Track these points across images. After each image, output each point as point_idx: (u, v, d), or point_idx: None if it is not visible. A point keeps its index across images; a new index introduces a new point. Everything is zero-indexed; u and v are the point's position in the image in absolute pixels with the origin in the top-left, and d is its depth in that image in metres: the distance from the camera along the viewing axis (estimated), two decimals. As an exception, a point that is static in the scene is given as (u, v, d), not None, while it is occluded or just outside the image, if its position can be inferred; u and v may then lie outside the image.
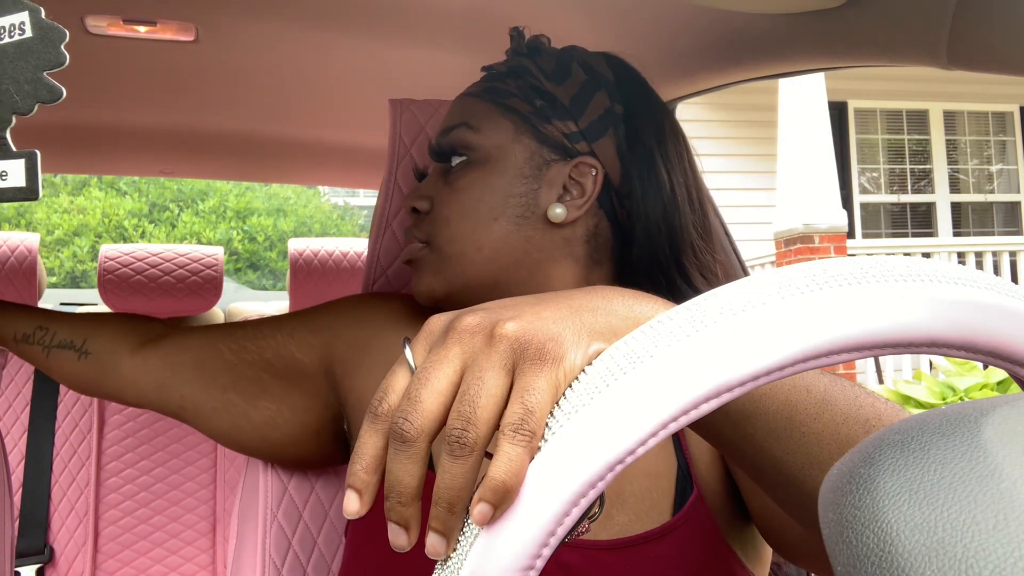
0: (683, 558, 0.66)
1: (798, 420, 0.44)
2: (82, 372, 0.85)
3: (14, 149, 0.34)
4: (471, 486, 0.34)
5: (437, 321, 0.40)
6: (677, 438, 0.71)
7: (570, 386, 0.35)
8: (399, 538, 0.35)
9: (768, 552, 0.73)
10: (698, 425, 0.45)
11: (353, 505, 0.36)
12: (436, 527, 0.34)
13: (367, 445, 0.36)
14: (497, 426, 0.34)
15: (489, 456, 0.34)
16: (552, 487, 0.32)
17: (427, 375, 0.36)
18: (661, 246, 0.75)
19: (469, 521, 0.33)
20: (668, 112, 0.80)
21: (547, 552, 0.32)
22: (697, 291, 0.74)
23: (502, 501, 0.32)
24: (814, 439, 0.43)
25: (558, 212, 0.74)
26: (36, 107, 0.35)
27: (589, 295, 0.41)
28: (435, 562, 0.34)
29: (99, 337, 0.86)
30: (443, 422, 0.35)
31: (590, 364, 0.36)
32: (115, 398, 0.87)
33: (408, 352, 0.39)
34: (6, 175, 0.34)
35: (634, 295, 0.42)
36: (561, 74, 0.77)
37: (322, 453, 0.87)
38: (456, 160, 0.76)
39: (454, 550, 0.33)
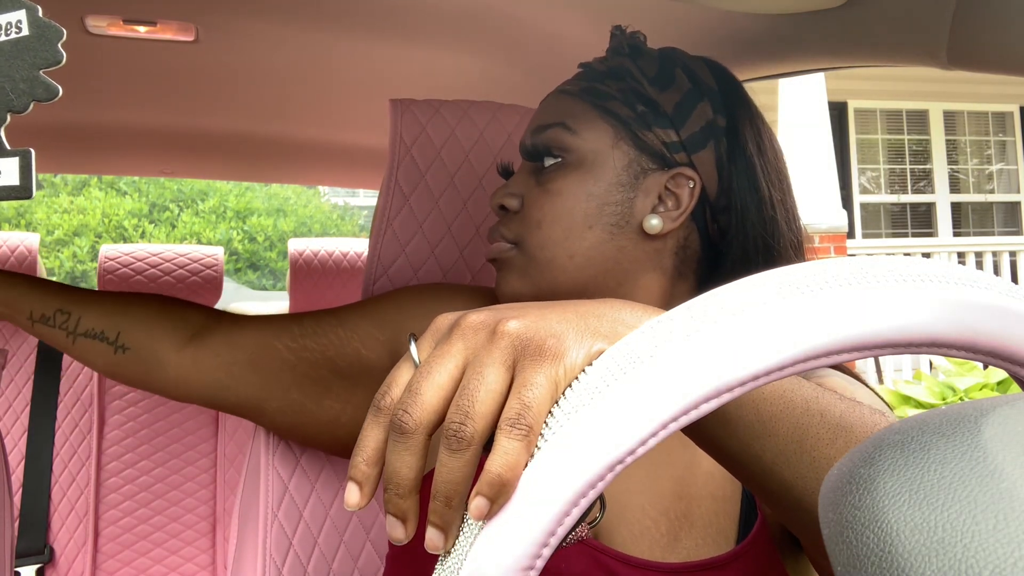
0: None
1: (809, 444, 0.43)
2: (122, 368, 0.81)
3: (8, 147, 0.34)
4: (468, 480, 0.34)
5: (444, 319, 0.40)
6: None
7: (570, 386, 0.35)
8: (396, 530, 0.35)
9: None
10: (706, 442, 0.45)
11: (353, 497, 0.36)
12: (435, 521, 0.34)
13: (368, 438, 0.37)
14: (496, 422, 0.35)
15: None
16: (552, 487, 0.31)
17: (429, 369, 0.36)
18: (757, 263, 0.74)
19: (469, 520, 0.33)
20: (767, 124, 0.78)
21: (547, 552, 0.32)
22: None
23: (499, 495, 0.32)
24: (825, 464, 0.43)
25: (654, 224, 0.72)
26: (32, 105, 0.35)
27: (598, 303, 0.41)
28: None
29: (135, 330, 0.81)
30: (443, 416, 0.36)
31: (591, 364, 0.36)
32: (163, 394, 0.83)
33: (413, 347, 0.39)
34: (0, 174, 0.34)
35: (644, 308, 0.42)
36: (664, 79, 0.75)
37: None
38: (550, 161, 0.74)
39: (453, 546, 0.33)
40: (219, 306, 1.94)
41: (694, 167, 0.73)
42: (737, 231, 0.73)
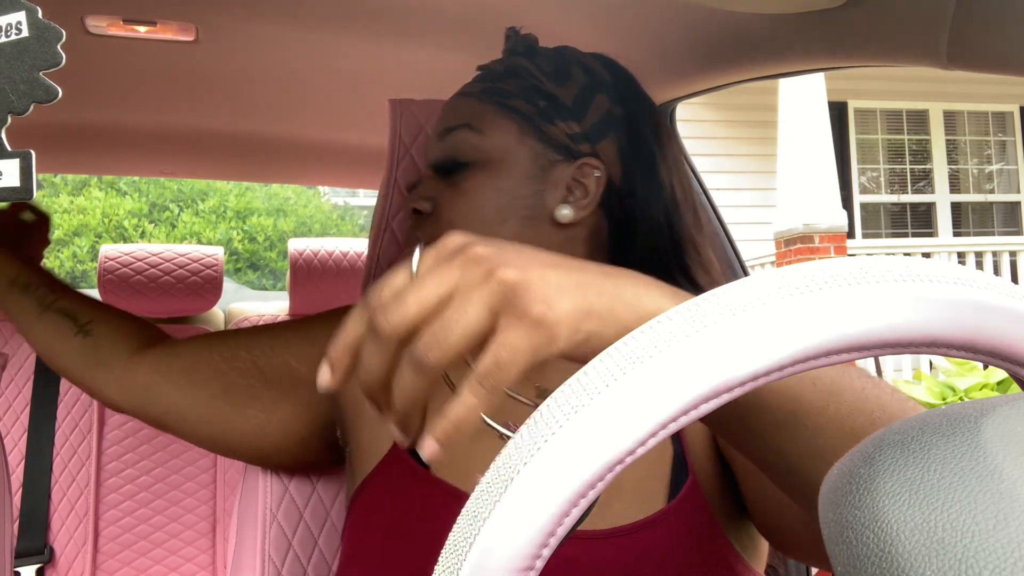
0: (678, 547, 0.66)
1: (802, 412, 0.43)
2: (72, 350, 0.82)
3: (9, 149, 0.34)
4: (422, 402, 0.37)
5: (455, 239, 0.42)
6: None
7: (568, 383, 0.35)
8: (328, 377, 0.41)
9: (764, 545, 0.72)
10: (726, 435, 0.45)
11: (324, 377, 0.40)
12: (397, 422, 0.38)
13: (350, 329, 0.40)
14: (463, 360, 0.37)
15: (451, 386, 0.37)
16: (552, 487, 0.31)
17: (421, 284, 0.38)
18: (663, 245, 0.76)
19: (469, 521, 0.33)
20: (662, 114, 0.82)
21: (547, 552, 0.32)
22: (700, 287, 0.75)
23: (449, 442, 0.34)
24: (818, 432, 0.43)
25: (565, 213, 0.74)
26: (32, 107, 0.35)
27: (605, 275, 0.41)
28: (433, 563, 0.34)
29: (104, 323, 0.83)
30: (417, 330, 0.37)
31: (577, 343, 0.38)
32: (93, 394, 0.84)
33: (416, 256, 0.41)
34: (0, 175, 0.35)
35: (648, 284, 0.42)
36: (561, 75, 0.77)
37: (311, 459, 0.87)
38: (458, 163, 0.76)
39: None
40: (219, 306, 1.94)
41: (598, 157, 0.76)
42: (642, 217, 0.76)
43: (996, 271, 5.69)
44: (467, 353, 0.37)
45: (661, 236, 0.76)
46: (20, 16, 0.35)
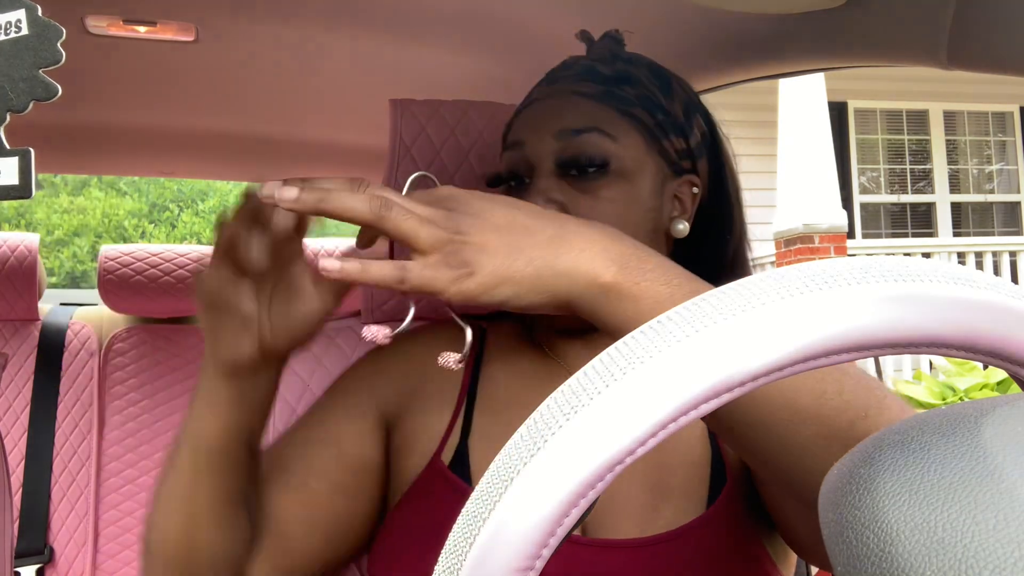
0: (720, 550, 0.67)
1: (800, 408, 0.44)
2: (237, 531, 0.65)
3: (7, 147, 0.34)
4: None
5: (448, 191, 0.55)
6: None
7: (569, 386, 0.35)
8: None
9: (793, 555, 0.73)
10: (727, 435, 0.45)
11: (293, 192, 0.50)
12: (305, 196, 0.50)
13: (352, 202, 0.51)
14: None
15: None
16: (552, 487, 0.31)
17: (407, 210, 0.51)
18: (729, 266, 0.80)
19: (469, 521, 0.33)
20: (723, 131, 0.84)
21: (547, 552, 0.32)
22: None
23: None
24: (816, 427, 0.45)
25: (681, 228, 0.76)
26: (31, 105, 0.35)
27: (550, 242, 0.52)
28: None
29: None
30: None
31: (495, 302, 0.51)
32: None
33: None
34: (-1, 173, 0.35)
35: (595, 252, 0.52)
36: (667, 88, 0.78)
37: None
38: (592, 168, 0.72)
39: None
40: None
41: (697, 173, 0.78)
42: (719, 236, 0.80)
43: (996, 271, 5.69)
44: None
45: (730, 256, 0.81)
46: (20, 14, 0.35)
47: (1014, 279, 5.76)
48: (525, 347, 0.81)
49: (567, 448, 0.32)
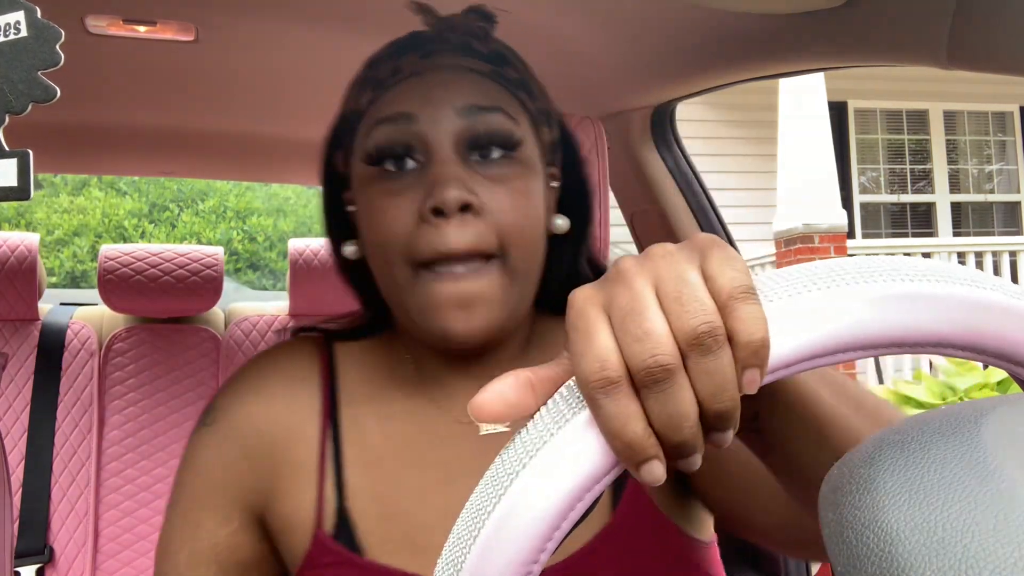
0: (638, 549, 0.64)
1: (821, 412, 0.43)
2: None
3: (6, 148, 0.34)
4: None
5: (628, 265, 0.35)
6: None
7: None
8: (696, 462, 0.33)
9: (707, 513, 0.69)
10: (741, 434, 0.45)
11: (661, 470, 0.32)
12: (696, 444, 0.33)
13: (627, 412, 0.31)
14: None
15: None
16: (554, 484, 0.31)
17: (638, 307, 0.32)
18: (581, 257, 0.72)
19: (470, 520, 0.33)
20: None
21: (551, 546, 0.32)
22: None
23: (765, 360, 0.31)
24: (834, 432, 0.43)
25: (560, 224, 0.69)
26: (30, 107, 0.35)
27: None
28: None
29: None
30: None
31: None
32: None
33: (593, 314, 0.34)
34: (-2, 174, 0.35)
35: None
36: (530, 75, 0.70)
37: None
38: (497, 152, 0.64)
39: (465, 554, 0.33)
40: (219, 306, 1.94)
41: (558, 167, 0.71)
42: (583, 231, 0.72)
43: (996, 271, 5.69)
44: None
45: (586, 249, 0.73)
46: (19, 16, 0.35)
47: (1014, 279, 5.76)
48: (387, 372, 0.70)
49: (569, 446, 0.32)
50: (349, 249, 0.70)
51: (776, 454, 0.45)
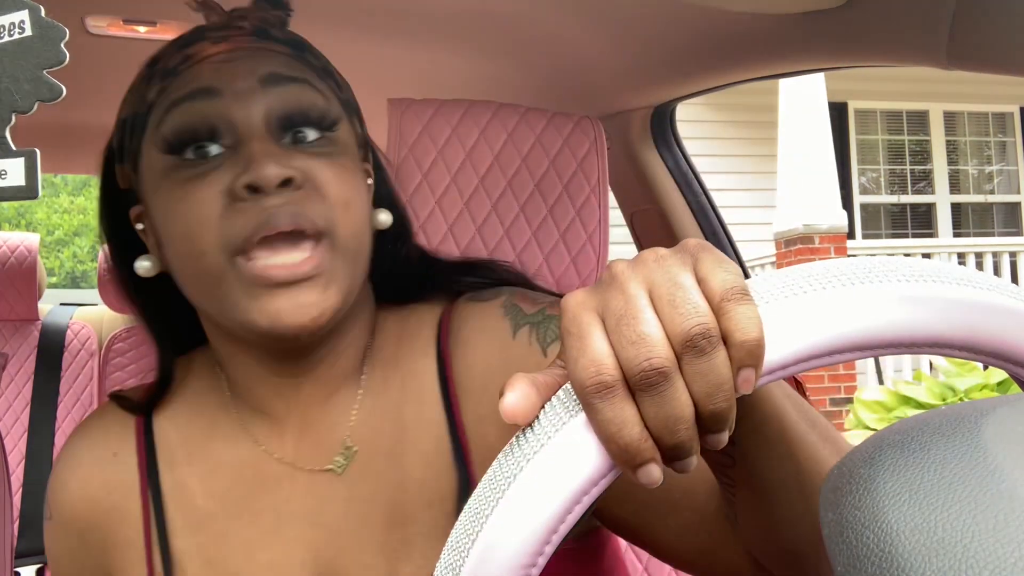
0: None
1: (790, 432, 0.43)
2: None
3: (14, 148, 0.34)
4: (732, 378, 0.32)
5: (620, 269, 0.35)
6: (454, 427, 0.60)
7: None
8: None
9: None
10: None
11: (658, 472, 0.32)
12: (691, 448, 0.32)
13: (623, 416, 0.31)
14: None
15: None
16: (555, 484, 0.31)
17: (636, 310, 0.32)
18: (406, 251, 0.68)
19: (471, 519, 0.33)
20: None
21: (549, 550, 0.32)
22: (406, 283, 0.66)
23: (760, 360, 0.31)
24: (802, 453, 0.43)
25: (384, 219, 0.63)
26: (36, 105, 0.35)
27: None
28: None
29: None
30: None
31: None
32: None
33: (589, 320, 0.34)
34: (5, 174, 0.35)
35: None
36: (332, 66, 0.65)
37: None
38: (313, 133, 0.58)
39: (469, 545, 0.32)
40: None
41: (370, 161, 0.66)
42: (401, 228, 0.67)
43: (996, 272, 5.69)
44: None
45: (409, 238, 0.68)
46: (23, 15, 0.35)
47: (1014, 280, 5.76)
48: (206, 422, 0.64)
49: (570, 445, 0.32)
50: (144, 264, 0.62)
51: (741, 467, 0.44)
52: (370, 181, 0.65)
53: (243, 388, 0.63)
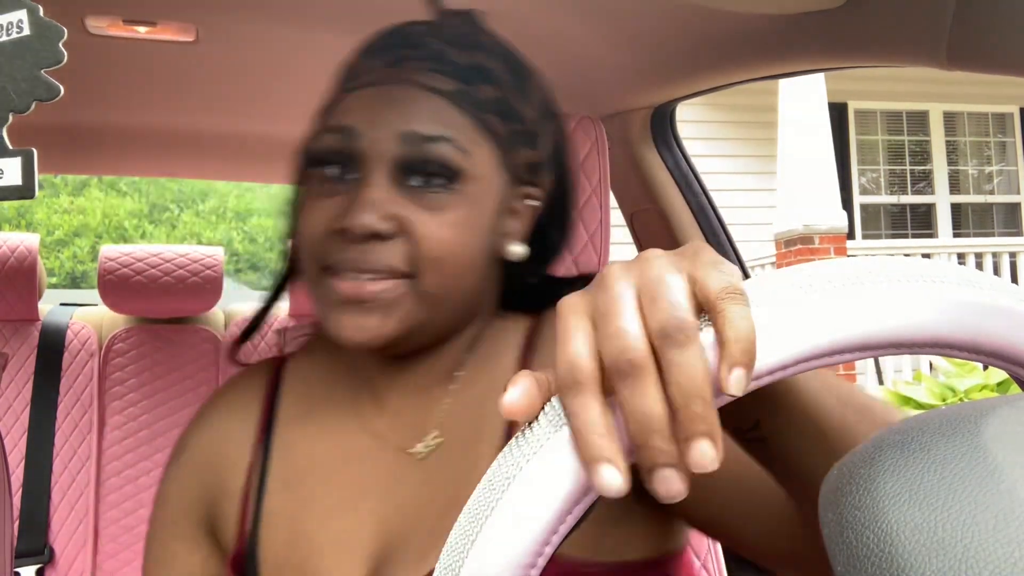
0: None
1: (824, 418, 0.43)
2: None
3: (10, 147, 0.35)
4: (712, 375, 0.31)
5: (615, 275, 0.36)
6: None
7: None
8: (676, 484, 0.31)
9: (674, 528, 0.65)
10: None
11: (618, 479, 0.31)
12: (703, 433, 0.31)
13: (589, 412, 0.31)
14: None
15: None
16: (555, 483, 0.31)
17: (615, 308, 0.33)
18: (541, 273, 0.71)
19: (472, 518, 0.33)
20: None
21: (549, 550, 0.32)
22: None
23: (752, 359, 0.31)
24: (835, 438, 0.43)
25: (517, 251, 0.67)
26: (33, 105, 0.35)
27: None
28: None
29: None
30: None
31: None
32: None
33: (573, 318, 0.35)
34: (2, 173, 0.35)
35: None
36: (525, 88, 0.67)
37: None
38: (436, 181, 0.62)
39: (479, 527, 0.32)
40: (219, 306, 1.94)
41: (538, 185, 0.68)
42: (551, 248, 0.71)
43: (996, 272, 5.69)
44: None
45: (552, 267, 0.72)
46: (21, 15, 0.35)
47: (1014, 280, 5.76)
48: (328, 385, 0.69)
49: (570, 444, 0.32)
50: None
51: (779, 462, 0.45)
52: (533, 202, 0.68)
53: (359, 360, 0.68)
